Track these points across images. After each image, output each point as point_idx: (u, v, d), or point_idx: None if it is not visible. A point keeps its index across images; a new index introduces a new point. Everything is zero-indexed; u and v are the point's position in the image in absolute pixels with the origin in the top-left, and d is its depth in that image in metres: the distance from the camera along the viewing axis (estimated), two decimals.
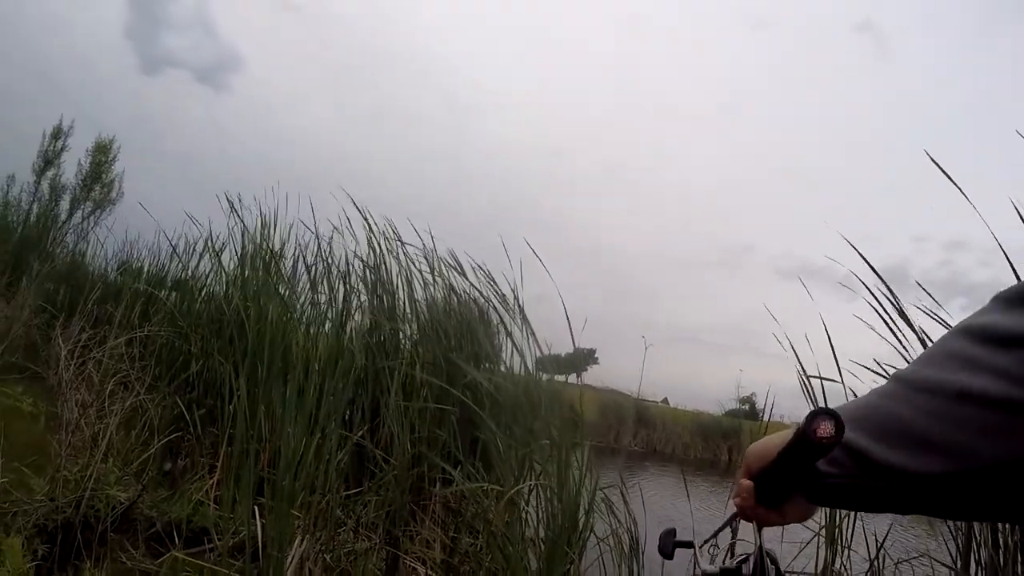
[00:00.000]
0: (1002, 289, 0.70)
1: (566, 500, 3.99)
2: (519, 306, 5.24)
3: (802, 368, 3.91)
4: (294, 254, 6.37)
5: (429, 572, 4.08)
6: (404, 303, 5.74)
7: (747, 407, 37.29)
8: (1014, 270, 3.19)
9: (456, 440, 4.76)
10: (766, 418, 4.39)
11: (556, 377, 5.43)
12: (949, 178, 3.36)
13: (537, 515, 4.28)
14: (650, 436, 28.68)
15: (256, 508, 3.62)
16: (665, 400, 40.15)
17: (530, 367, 5.03)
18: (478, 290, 5.65)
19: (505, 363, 5.32)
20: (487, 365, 5.21)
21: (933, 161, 3.41)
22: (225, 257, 6.66)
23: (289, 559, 3.43)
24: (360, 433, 4.70)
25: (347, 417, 4.91)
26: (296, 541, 3.57)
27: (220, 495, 4.44)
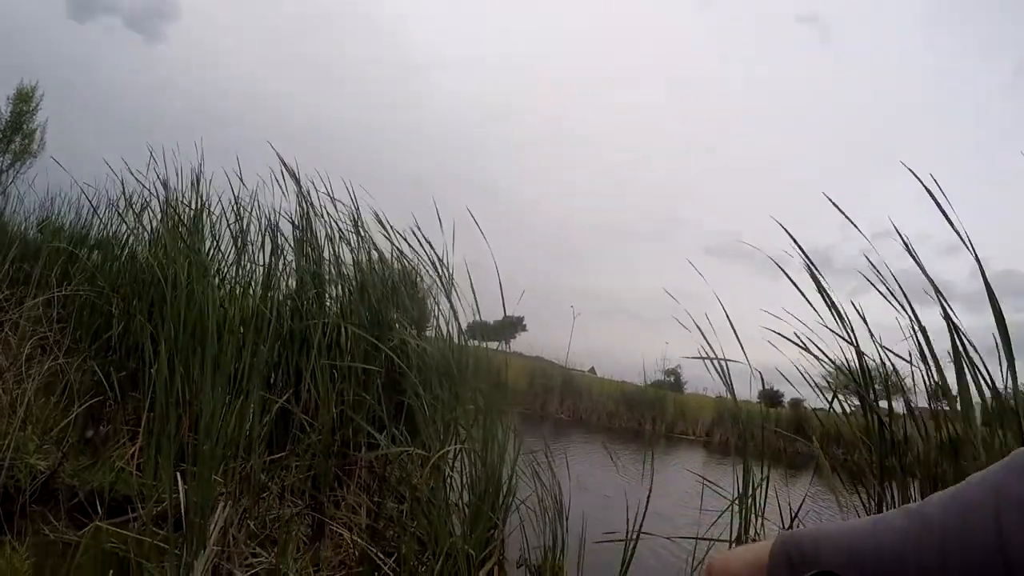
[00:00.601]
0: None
1: (490, 465, 4.04)
2: (448, 271, 5.22)
3: (708, 345, 4.01)
4: (217, 211, 6.18)
5: (354, 537, 4.10)
6: (330, 264, 5.67)
7: (671, 379, 38.09)
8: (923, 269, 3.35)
9: (381, 404, 4.74)
10: (688, 391, 4.50)
11: (485, 343, 5.44)
12: (836, 207, 3.55)
13: (461, 480, 4.32)
14: (576, 405, 28.99)
15: (179, 475, 3.57)
16: (592, 370, 40.65)
17: (457, 333, 5.03)
18: (402, 253, 5.57)
19: (433, 327, 5.32)
20: (413, 329, 5.19)
21: (830, 201, 3.60)
22: (148, 215, 6.50)
23: (212, 526, 3.41)
24: (285, 397, 4.64)
25: (271, 380, 4.85)
26: (219, 508, 3.55)
27: (143, 462, 4.38)
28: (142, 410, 4.70)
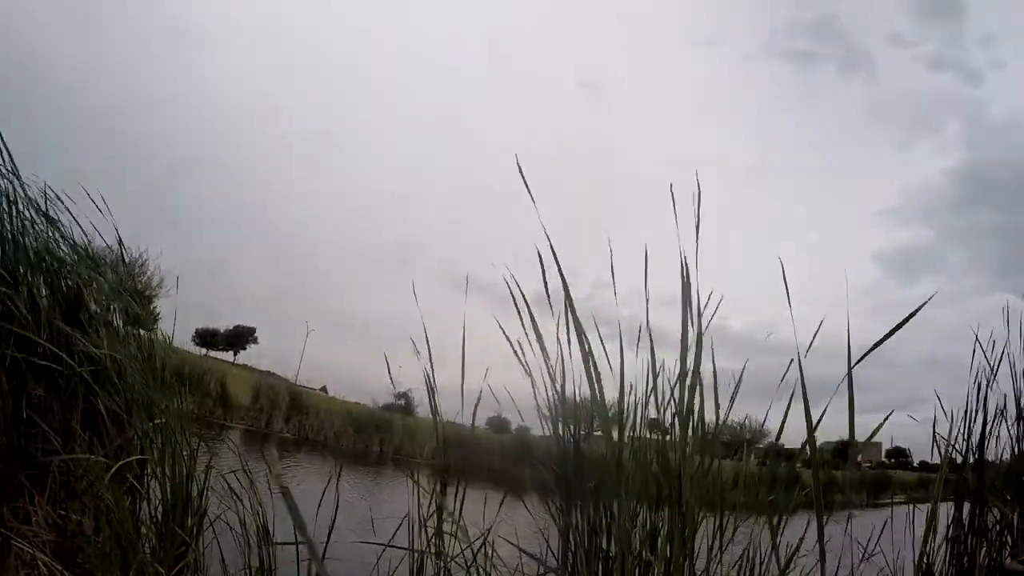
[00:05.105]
0: None
1: (175, 479, 3.91)
2: (151, 270, 4.87)
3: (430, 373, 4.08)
4: None
5: (38, 554, 3.79)
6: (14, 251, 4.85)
7: (403, 402, 38.54)
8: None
9: (71, 410, 4.38)
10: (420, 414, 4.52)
11: (210, 352, 5.19)
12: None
13: (151, 494, 4.13)
14: (303, 423, 28.64)
15: None
16: (324, 388, 40.43)
17: (162, 337, 4.76)
18: (88, 246, 5.04)
19: (140, 329, 4.98)
20: (103, 330, 4.79)
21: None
22: None
23: None
24: None
25: None
26: None
27: None
28: None
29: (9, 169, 4.84)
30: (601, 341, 3.75)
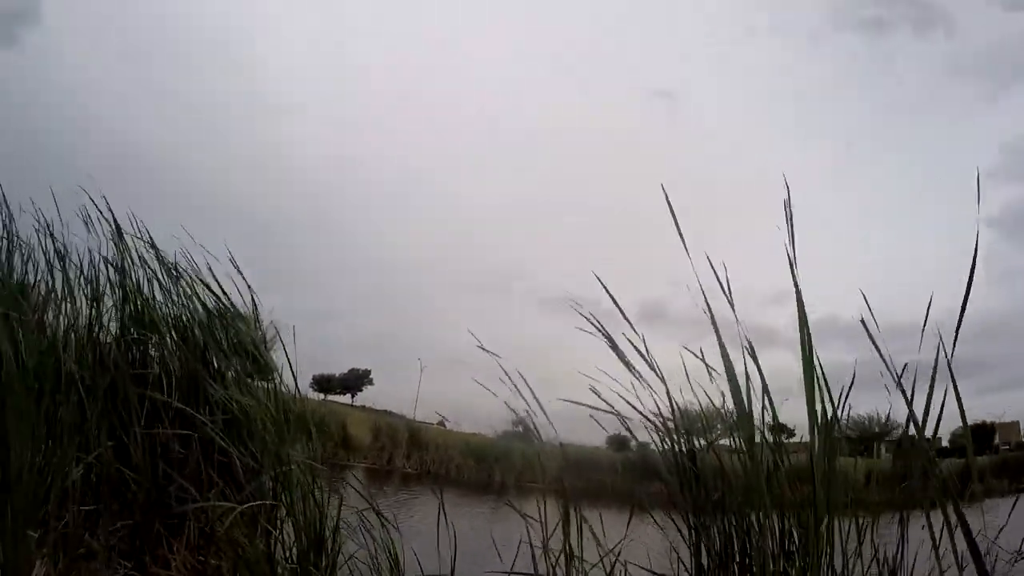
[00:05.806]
0: None
1: (307, 521, 3.97)
2: (268, 321, 5.05)
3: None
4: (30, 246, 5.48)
5: None
6: (151, 311, 5.17)
7: (520, 429, 38.60)
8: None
9: (207, 460, 4.53)
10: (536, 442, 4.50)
11: (329, 397, 5.31)
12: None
13: (286, 537, 4.21)
14: (423, 458, 28.96)
15: None
16: (442, 422, 40.76)
17: (289, 386, 4.87)
18: (226, 302, 5.23)
19: (264, 380, 5.11)
20: (237, 381, 4.95)
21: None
22: None
23: None
24: (97, 452, 4.33)
25: (92, 432, 4.54)
26: (37, 567, 3.33)
27: None
28: None
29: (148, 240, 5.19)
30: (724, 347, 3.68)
